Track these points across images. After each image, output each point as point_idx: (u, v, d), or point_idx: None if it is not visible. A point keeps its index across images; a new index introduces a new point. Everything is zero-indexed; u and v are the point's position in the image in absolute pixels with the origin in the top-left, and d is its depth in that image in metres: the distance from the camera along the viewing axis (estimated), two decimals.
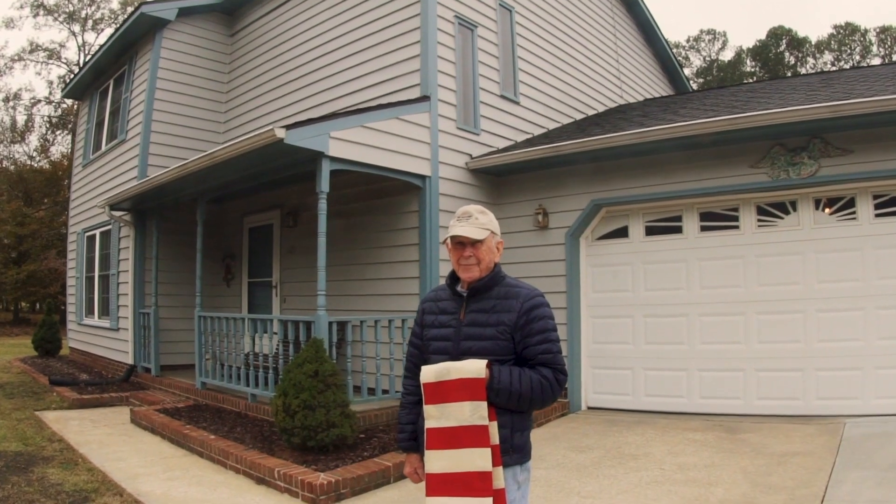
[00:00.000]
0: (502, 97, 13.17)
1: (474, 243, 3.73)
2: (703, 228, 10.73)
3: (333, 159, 9.75)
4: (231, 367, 11.43)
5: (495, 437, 3.52)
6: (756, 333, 10.16)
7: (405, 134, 10.87)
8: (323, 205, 9.69)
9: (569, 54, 15.61)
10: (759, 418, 9.84)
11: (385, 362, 10.74)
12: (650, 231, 11.18)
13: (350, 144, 9.95)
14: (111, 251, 16.51)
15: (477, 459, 3.47)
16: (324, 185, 9.62)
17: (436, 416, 3.59)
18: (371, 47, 12.50)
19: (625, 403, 11.11)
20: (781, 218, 10.18)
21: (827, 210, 9.89)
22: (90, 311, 18.36)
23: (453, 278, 3.90)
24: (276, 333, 10.75)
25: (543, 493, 7.05)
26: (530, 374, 3.58)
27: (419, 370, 3.71)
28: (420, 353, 3.94)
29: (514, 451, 3.64)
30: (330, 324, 9.79)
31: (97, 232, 17.73)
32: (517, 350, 3.65)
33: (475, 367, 3.52)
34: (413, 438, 3.96)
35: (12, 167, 45.76)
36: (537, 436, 9.27)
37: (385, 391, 10.52)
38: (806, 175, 9.69)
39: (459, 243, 3.76)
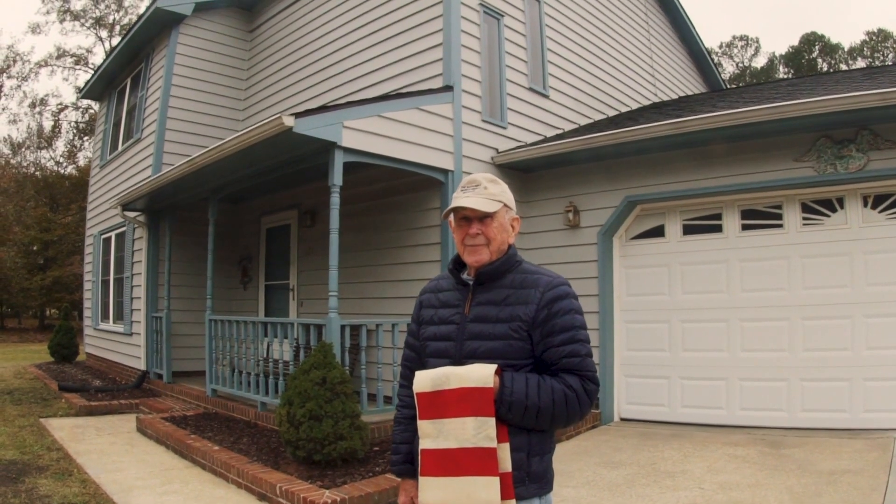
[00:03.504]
0: (530, 90, 12.55)
1: (483, 218, 3.00)
2: (745, 227, 10.04)
3: (347, 150, 9.17)
4: (242, 373, 10.88)
5: (507, 463, 2.79)
6: (801, 340, 9.44)
7: (426, 125, 10.26)
8: (336, 199, 9.10)
9: (600, 48, 14.99)
10: (803, 432, 9.13)
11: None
12: (688, 230, 10.49)
13: (366, 135, 9.37)
14: (125, 253, 16.14)
15: (481, 490, 2.74)
16: (336, 178, 9.03)
17: (432, 435, 2.86)
18: (392, 37, 11.97)
19: (660, 415, 10.41)
20: (828, 216, 9.48)
21: (874, 208, 9.19)
22: (105, 316, 18.01)
23: (457, 264, 3.17)
24: (286, 338, 10.22)
25: None
26: (552, 384, 2.83)
27: None
28: (417, 356, 3.23)
29: (531, 481, 2.89)
30: (343, 327, 9.19)
31: (112, 234, 17.39)
32: (536, 352, 2.91)
33: (481, 374, 2.78)
34: (409, 461, 3.22)
35: (39, 173, 45.71)
36: (565, 450, 8.76)
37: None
38: (854, 169, 9.00)
39: (464, 218, 3.04)
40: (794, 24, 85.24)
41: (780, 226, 9.77)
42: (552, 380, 2.86)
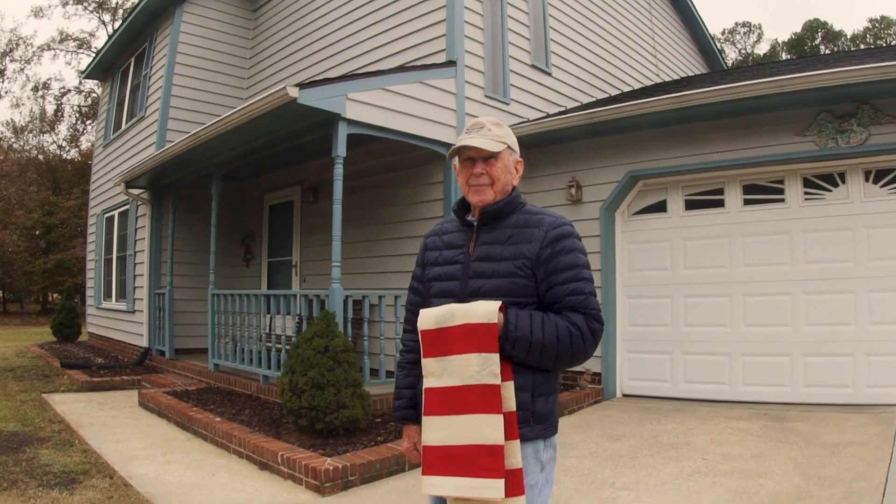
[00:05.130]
0: (533, 67, 12.54)
1: (487, 159, 3.02)
2: (747, 202, 10.01)
3: (351, 122, 9.16)
4: (245, 347, 10.87)
5: (511, 402, 2.77)
6: (804, 315, 9.41)
7: (429, 99, 10.25)
8: (339, 170, 9.10)
9: (603, 28, 14.99)
10: (806, 407, 9.10)
11: None
12: (690, 205, 10.45)
13: (369, 107, 9.36)
14: (128, 231, 16.14)
15: (485, 429, 2.72)
16: (340, 149, 9.03)
17: (436, 373, 2.86)
18: (395, 14, 11.96)
19: (662, 391, 10.39)
20: (829, 190, 9.45)
21: (875, 183, 9.17)
22: (108, 295, 18.02)
23: (462, 206, 3.18)
24: (289, 314, 10.21)
25: (574, 483, 6.39)
26: (556, 321, 2.83)
27: None
28: (422, 299, 3.21)
29: (535, 421, 2.88)
30: (346, 298, 9.19)
31: (115, 213, 17.40)
32: (540, 291, 2.91)
33: (485, 310, 2.78)
34: (412, 406, 3.20)
35: (41, 157, 45.68)
36: (567, 423, 8.78)
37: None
38: (855, 143, 8.98)
39: (469, 159, 3.06)
40: (796, 11, 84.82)
41: (782, 200, 9.73)
42: (556, 317, 2.85)
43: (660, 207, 10.70)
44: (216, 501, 6.19)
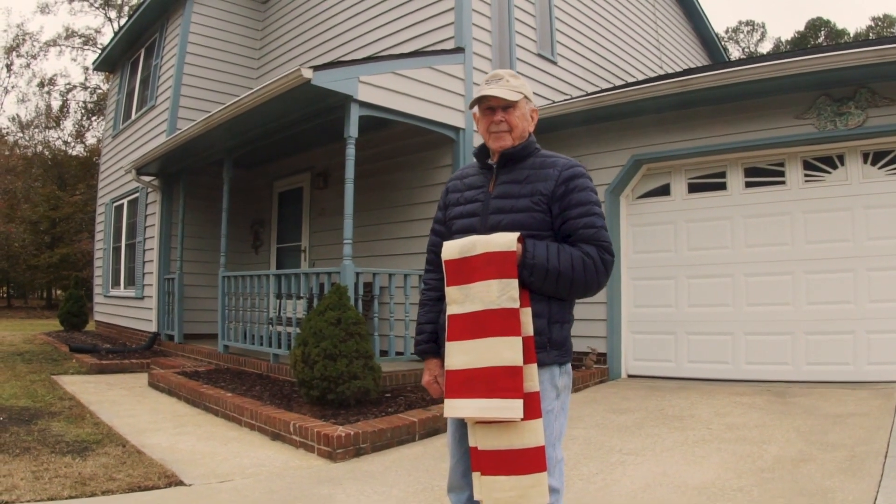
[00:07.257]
0: (539, 55, 12.69)
1: (506, 108, 3.25)
2: (748, 185, 10.17)
3: (363, 104, 9.33)
4: (255, 328, 11.01)
5: (529, 328, 2.93)
6: (805, 294, 9.57)
7: (438, 84, 10.42)
8: (351, 150, 9.28)
9: (607, 20, 15.17)
10: (808, 384, 9.26)
11: (415, 324, 10.19)
12: (693, 188, 10.61)
13: (380, 90, 9.53)
14: (138, 219, 16.31)
15: (504, 351, 2.88)
16: (352, 130, 9.20)
17: (459, 300, 3.03)
18: (406, 2, 12.09)
19: (666, 370, 10.53)
20: (829, 172, 9.60)
21: (873, 164, 9.31)
22: (116, 283, 18.20)
23: (482, 151, 3.40)
24: (300, 298, 10.34)
25: (582, 450, 6.54)
26: (570, 251, 3.01)
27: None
28: (442, 239, 3.36)
29: (552, 347, 3.06)
30: (357, 275, 9.35)
31: (125, 201, 17.57)
32: (555, 226, 3.09)
33: (505, 240, 2.96)
34: (433, 340, 3.39)
35: (47, 152, 45.73)
36: (574, 399, 8.87)
37: (414, 353, 9.99)
38: (853, 125, 9.14)
39: (489, 108, 3.28)
40: (799, 10, 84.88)
41: (783, 182, 9.89)
42: (571, 248, 3.03)
43: (663, 191, 10.86)
44: (230, 467, 6.32)
